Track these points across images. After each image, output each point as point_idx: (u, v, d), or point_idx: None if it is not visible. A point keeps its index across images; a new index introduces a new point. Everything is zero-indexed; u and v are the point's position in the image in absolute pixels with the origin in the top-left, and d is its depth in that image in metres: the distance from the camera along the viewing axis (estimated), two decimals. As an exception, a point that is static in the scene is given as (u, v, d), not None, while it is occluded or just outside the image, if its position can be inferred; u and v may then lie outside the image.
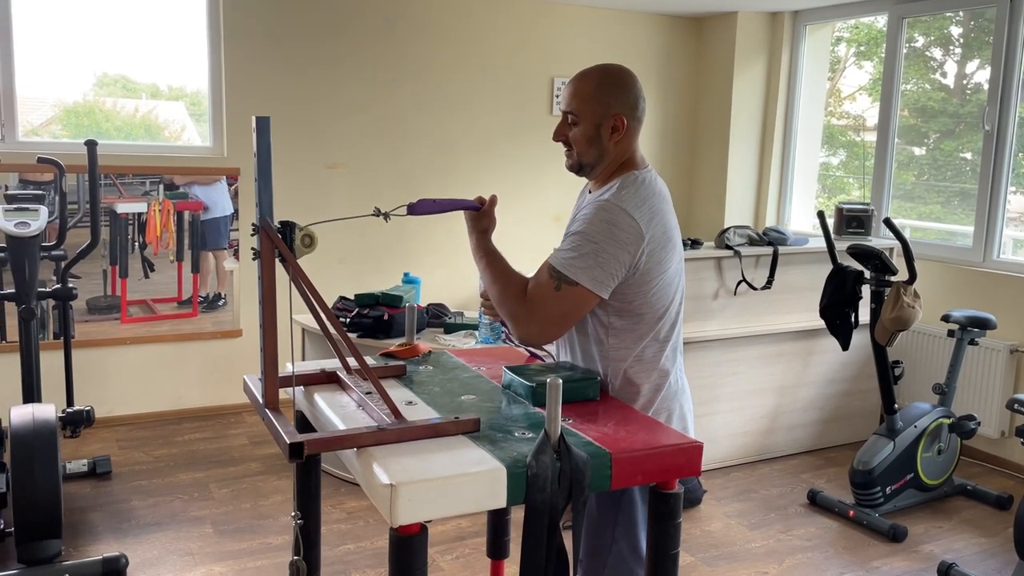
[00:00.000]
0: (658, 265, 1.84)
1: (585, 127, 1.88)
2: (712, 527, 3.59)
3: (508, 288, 1.85)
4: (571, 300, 1.79)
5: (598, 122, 1.87)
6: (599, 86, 1.88)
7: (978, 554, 3.40)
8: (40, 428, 2.93)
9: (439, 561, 3.19)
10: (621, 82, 1.89)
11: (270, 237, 1.64)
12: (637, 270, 1.82)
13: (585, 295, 1.78)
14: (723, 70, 5.59)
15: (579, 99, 1.88)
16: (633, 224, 1.78)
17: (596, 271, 1.77)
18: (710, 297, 4.06)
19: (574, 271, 1.77)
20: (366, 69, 4.88)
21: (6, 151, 4.13)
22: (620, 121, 1.87)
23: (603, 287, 1.79)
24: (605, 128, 1.88)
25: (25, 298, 3.38)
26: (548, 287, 1.79)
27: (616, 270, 1.79)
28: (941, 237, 4.93)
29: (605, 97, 1.87)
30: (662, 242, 1.84)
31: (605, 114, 1.87)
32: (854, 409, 4.57)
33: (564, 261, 1.79)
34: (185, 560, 3.15)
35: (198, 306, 4.67)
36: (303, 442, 1.50)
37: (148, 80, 4.76)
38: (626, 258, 1.79)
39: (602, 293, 1.80)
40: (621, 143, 1.90)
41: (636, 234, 1.79)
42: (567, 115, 1.91)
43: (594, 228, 1.78)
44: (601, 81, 1.89)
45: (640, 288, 1.85)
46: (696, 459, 1.64)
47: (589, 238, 1.78)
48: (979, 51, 4.82)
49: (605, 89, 1.88)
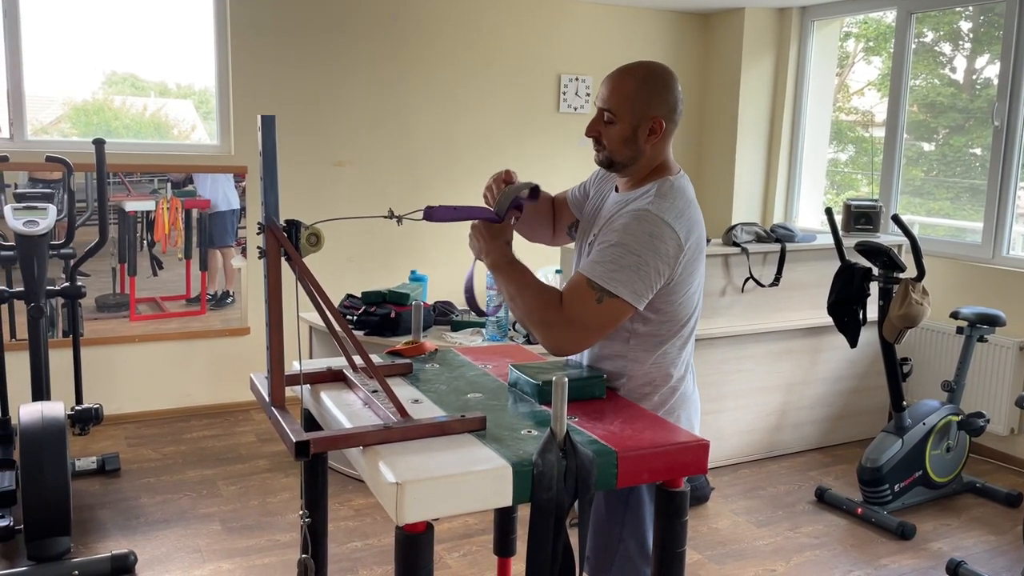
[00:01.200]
0: (690, 276, 1.82)
1: (622, 127, 1.82)
2: (719, 524, 3.58)
3: (541, 298, 1.79)
4: (611, 312, 1.75)
5: (636, 123, 1.82)
6: (641, 86, 1.82)
7: (987, 552, 3.39)
8: (49, 426, 2.94)
9: (446, 558, 3.20)
10: (663, 83, 1.83)
11: (276, 236, 1.64)
12: (672, 280, 1.80)
13: (625, 308, 1.75)
14: (731, 66, 5.57)
15: (619, 97, 1.82)
16: (674, 236, 1.75)
17: (638, 284, 1.73)
18: (717, 294, 4.05)
19: (615, 284, 1.73)
20: (372, 66, 4.88)
21: (15, 150, 4.15)
22: (659, 124, 1.82)
23: (642, 300, 1.76)
24: (643, 130, 1.82)
25: (34, 296, 3.39)
26: (589, 299, 1.74)
27: (655, 282, 1.76)
28: (950, 233, 4.90)
29: (646, 97, 1.81)
30: (696, 252, 1.82)
31: (644, 115, 1.81)
32: (862, 406, 4.55)
33: (606, 274, 1.73)
34: (193, 557, 3.16)
35: (206, 304, 4.68)
36: (309, 440, 1.51)
37: (157, 78, 4.78)
38: (665, 270, 1.76)
39: (640, 305, 1.77)
40: (657, 146, 1.85)
41: (676, 246, 1.76)
42: (603, 112, 1.84)
43: (636, 240, 1.73)
44: (644, 80, 1.82)
45: (670, 297, 1.82)
46: (703, 457, 1.63)
47: (631, 250, 1.73)
48: (989, 46, 4.79)
49: (647, 89, 1.82)
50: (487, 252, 1.88)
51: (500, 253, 1.86)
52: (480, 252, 1.91)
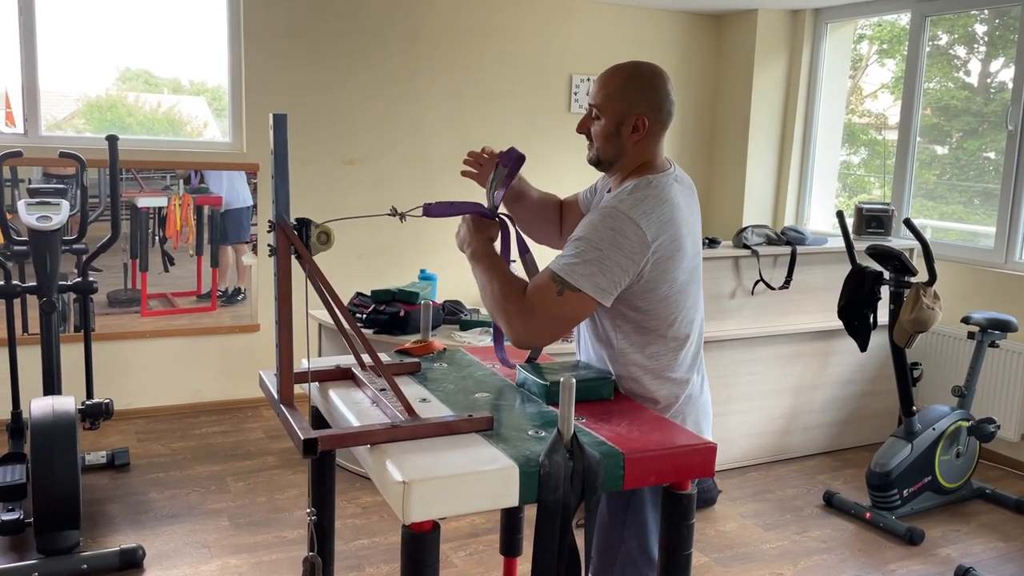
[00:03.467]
0: (664, 274, 1.80)
1: (606, 123, 1.86)
2: (727, 527, 3.57)
3: (507, 288, 1.80)
4: (571, 305, 1.75)
5: (619, 119, 1.85)
6: (626, 83, 1.85)
7: (996, 559, 3.37)
8: (60, 420, 2.96)
9: (452, 557, 3.20)
10: (649, 82, 1.85)
11: (287, 234, 1.65)
12: (642, 278, 1.78)
13: (586, 301, 1.75)
14: (743, 68, 5.56)
15: (604, 93, 1.86)
16: (639, 232, 1.75)
17: (599, 278, 1.74)
18: (727, 297, 4.04)
19: (576, 277, 1.73)
20: (383, 65, 4.89)
21: (29, 145, 4.18)
22: (641, 121, 1.84)
23: (605, 294, 1.76)
24: (626, 126, 1.85)
25: (46, 291, 3.42)
26: (549, 290, 1.75)
27: (619, 278, 1.75)
28: (963, 238, 4.88)
29: (630, 95, 1.84)
30: (670, 251, 1.79)
31: (627, 112, 1.84)
32: (872, 410, 4.54)
33: (566, 267, 1.75)
34: (201, 552, 3.18)
35: (217, 300, 4.70)
36: (317, 438, 1.51)
37: (170, 75, 4.80)
38: (630, 266, 1.75)
39: (604, 300, 1.76)
40: (641, 143, 1.86)
41: (641, 243, 1.75)
42: (592, 108, 1.88)
43: (598, 235, 1.75)
44: (629, 78, 1.85)
45: (646, 295, 1.81)
46: (710, 460, 1.63)
47: (592, 244, 1.74)
48: (1004, 49, 4.76)
49: (632, 86, 1.85)
50: (469, 243, 1.92)
51: (480, 245, 1.90)
52: (463, 243, 1.95)
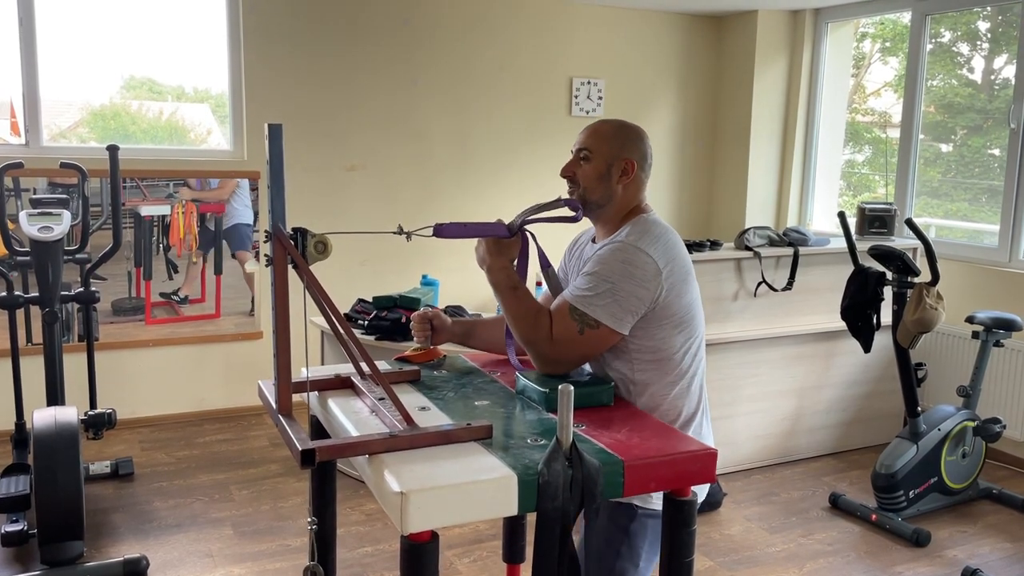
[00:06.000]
0: (678, 299, 1.89)
1: (596, 163, 1.95)
2: (732, 530, 3.56)
3: (537, 328, 1.87)
4: (593, 341, 1.86)
5: (610, 161, 1.95)
6: (617, 130, 1.98)
7: (1003, 559, 3.35)
8: (62, 431, 2.97)
9: (456, 564, 3.19)
10: (636, 134, 2.00)
11: (283, 244, 1.65)
12: (657, 304, 1.87)
13: (606, 334, 1.85)
14: (744, 69, 5.55)
15: (596, 137, 1.97)
16: (650, 261, 1.85)
17: (614, 308, 1.83)
18: (729, 299, 4.03)
19: (594, 310, 1.83)
20: (384, 71, 4.89)
21: (31, 156, 4.19)
22: (631, 165, 1.95)
23: (623, 324, 1.85)
24: (616, 168, 1.95)
25: (49, 301, 3.42)
26: (572, 331, 1.84)
27: (635, 307, 1.85)
28: (967, 236, 4.86)
29: (621, 140, 1.96)
30: (681, 275, 1.90)
31: (618, 155, 1.95)
32: (876, 411, 4.52)
33: (583, 300, 1.85)
34: (205, 562, 3.18)
35: (221, 307, 4.71)
36: (315, 449, 1.50)
37: (174, 82, 4.81)
38: (645, 295, 1.85)
39: (622, 330, 1.85)
40: (628, 188, 1.97)
41: (654, 271, 1.84)
42: (580, 152, 1.97)
43: (609, 268, 1.85)
44: (619, 127, 2.00)
45: (662, 322, 1.89)
46: (711, 466, 1.62)
47: (604, 277, 1.84)
48: (1007, 46, 4.74)
49: (622, 134, 1.98)
50: (490, 267, 1.95)
51: (502, 273, 1.93)
52: (483, 264, 1.98)
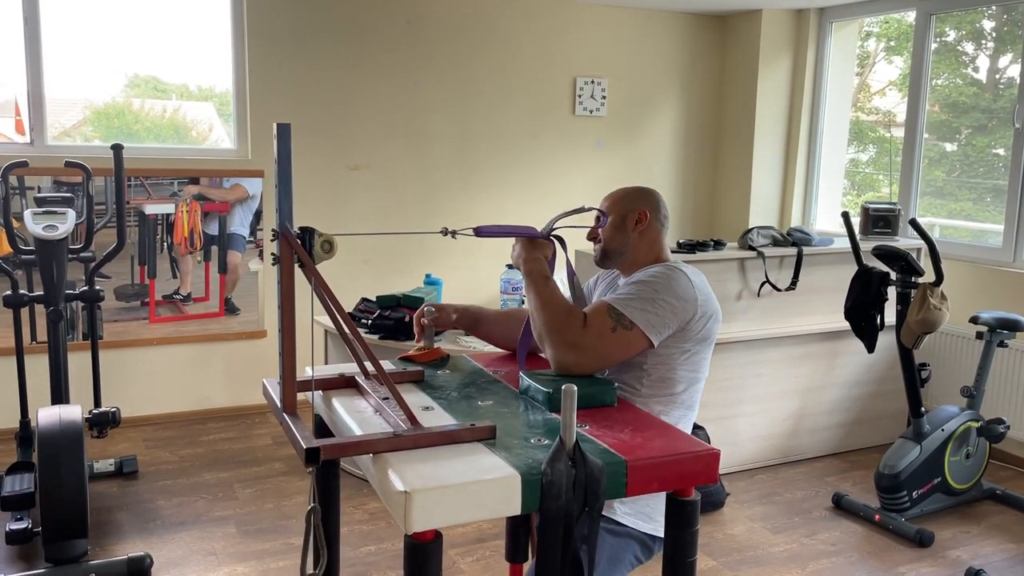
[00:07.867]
0: (701, 331, 2.00)
1: (613, 218, 2.15)
2: (735, 531, 3.56)
3: (561, 316, 1.93)
4: (623, 342, 1.92)
5: (624, 213, 2.14)
6: (628, 192, 2.19)
7: (1007, 560, 3.35)
8: (66, 429, 2.97)
9: (459, 563, 3.20)
10: (647, 191, 2.20)
11: (290, 243, 1.65)
12: (685, 328, 1.97)
13: (638, 337, 1.92)
14: (748, 68, 5.54)
15: (611, 200, 2.18)
16: (690, 286, 1.98)
17: (651, 316, 1.93)
18: (733, 298, 4.03)
19: (632, 312, 1.92)
20: (388, 70, 4.90)
21: (35, 155, 4.20)
22: (643, 214, 2.13)
23: (655, 332, 1.93)
24: (630, 219, 2.13)
25: (53, 300, 3.43)
26: (605, 326, 1.92)
27: (670, 319, 1.94)
28: (972, 236, 4.85)
29: (633, 196, 2.17)
30: (711, 310, 2.01)
31: (631, 208, 2.14)
32: (880, 412, 4.51)
33: (623, 302, 1.94)
34: (209, 560, 3.18)
35: (225, 306, 4.72)
36: (319, 447, 1.51)
37: (178, 80, 4.81)
38: (680, 311, 1.95)
39: (653, 338, 1.93)
40: (644, 235, 2.13)
41: (692, 294, 1.97)
42: (598, 217, 2.17)
43: (653, 280, 1.98)
44: (631, 188, 2.21)
45: (683, 353, 2.00)
46: (713, 466, 1.62)
47: (648, 285, 1.97)
48: (1012, 45, 4.73)
49: (633, 193, 2.19)
50: (525, 260, 2.05)
51: (537, 263, 2.03)
52: (519, 259, 2.07)
